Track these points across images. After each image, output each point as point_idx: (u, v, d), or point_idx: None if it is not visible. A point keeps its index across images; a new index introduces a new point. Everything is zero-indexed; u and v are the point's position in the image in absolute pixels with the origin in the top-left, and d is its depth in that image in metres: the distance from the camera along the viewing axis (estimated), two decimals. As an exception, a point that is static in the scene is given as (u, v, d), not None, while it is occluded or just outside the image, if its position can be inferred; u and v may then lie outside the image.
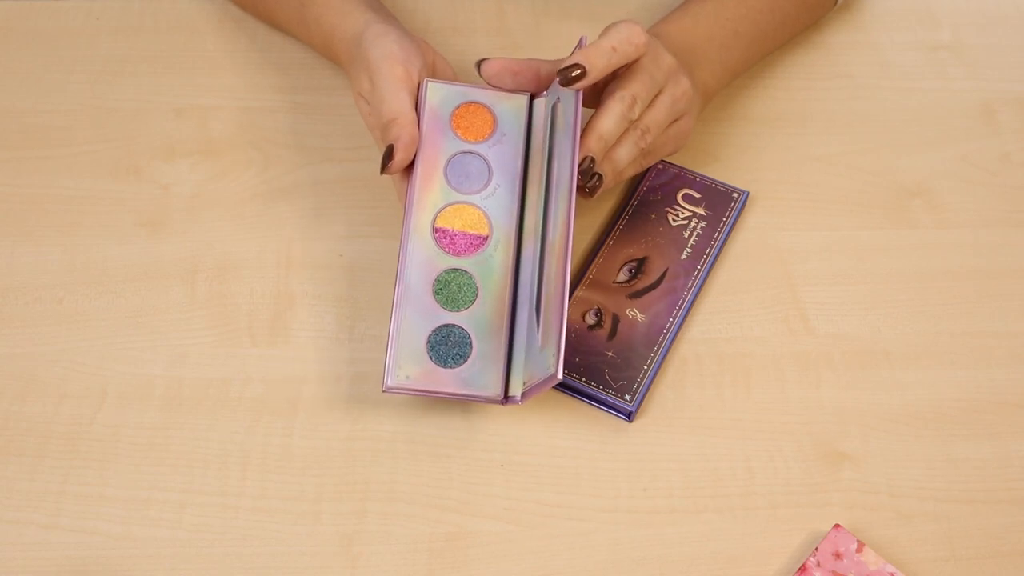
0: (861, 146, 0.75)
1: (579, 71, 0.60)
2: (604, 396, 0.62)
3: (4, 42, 0.79)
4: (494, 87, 0.65)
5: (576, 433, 0.62)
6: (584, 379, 0.62)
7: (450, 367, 0.60)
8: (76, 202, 0.71)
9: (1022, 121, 0.77)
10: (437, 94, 0.65)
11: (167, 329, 0.65)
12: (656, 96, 0.64)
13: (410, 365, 0.59)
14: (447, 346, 0.60)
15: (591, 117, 0.63)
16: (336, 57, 0.71)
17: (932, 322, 0.67)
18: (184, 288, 0.67)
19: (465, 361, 0.60)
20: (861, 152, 0.75)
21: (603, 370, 0.62)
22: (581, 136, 0.61)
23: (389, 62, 0.63)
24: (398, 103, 0.62)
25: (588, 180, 0.62)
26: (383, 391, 0.59)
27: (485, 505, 0.59)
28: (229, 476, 0.60)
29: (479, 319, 0.61)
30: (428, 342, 0.60)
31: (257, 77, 0.77)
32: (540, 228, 0.62)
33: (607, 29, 0.63)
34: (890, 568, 0.55)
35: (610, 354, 0.63)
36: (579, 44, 0.63)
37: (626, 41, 0.61)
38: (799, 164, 0.74)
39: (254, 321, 0.65)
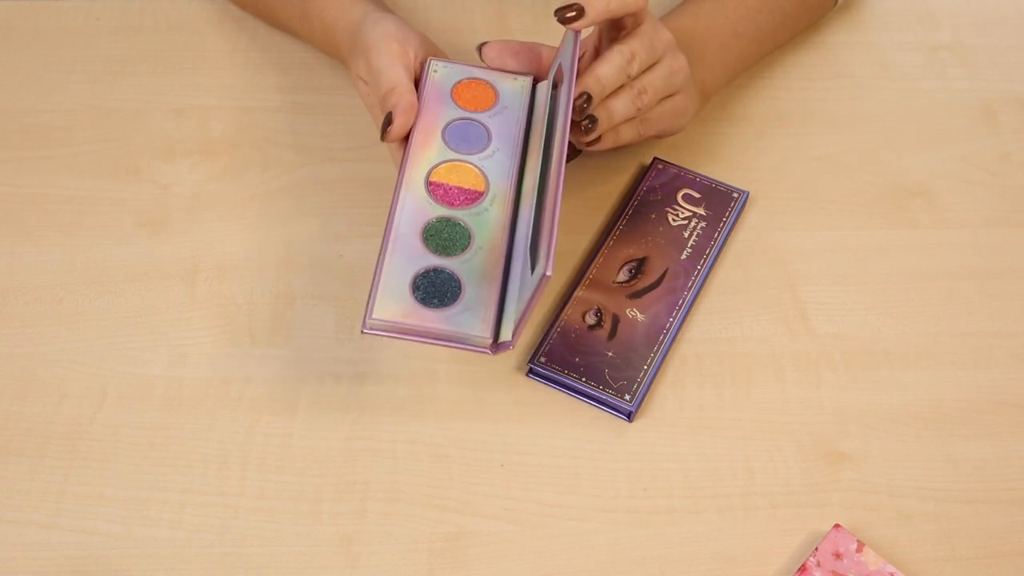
0: (861, 146, 0.75)
1: (576, 10, 0.60)
2: (604, 396, 0.62)
3: (4, 42, 0.79)
4: (496, 69, 0.65)
5: (576, 433, 0.62)
6: (584, 379, 0.62)
7: (435, 307, 0.56)
8: (76, 202, 0.71)
9: (1022, 121, 0.77)
10: (440, 71, 0.64)
11: (167, 329, 0.65)
12: (654, 64, 0.64)
13: (394, 305, 0.56)
14: (434, 286, 0.57)
15: (590, 64, 0.62)
16: (337, 50, 0.71)
17: (932, 322, 0.67)
18: (184, 288, 0.67)
19: (453, 304, 0.57)
20: (861, 152, 0.75)
21: (603, 370, 0.62)
22: (578, 76, 0.60)
23: (386, 40, 0.64)
24: (395, 74, 0.63)
25: (582, 117, 0.61)
26: (362, 332, 0.57)
27: (485, 505, 0.59)
28: (229, 476, 0.60)
29: (471, 266, 0.58)
30: (414, 282, 0.57)
31: (257, 77, 0.77)
32: (537, 191, 0.60)
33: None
34: (890, 568, 0.55)
35: (610, 354, 0.63)
36: None
37: None
38: (799, 164, 0.74)
39: (254, 321, 0.65)
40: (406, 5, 0.82)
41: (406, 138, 0.63)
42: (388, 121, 0.61)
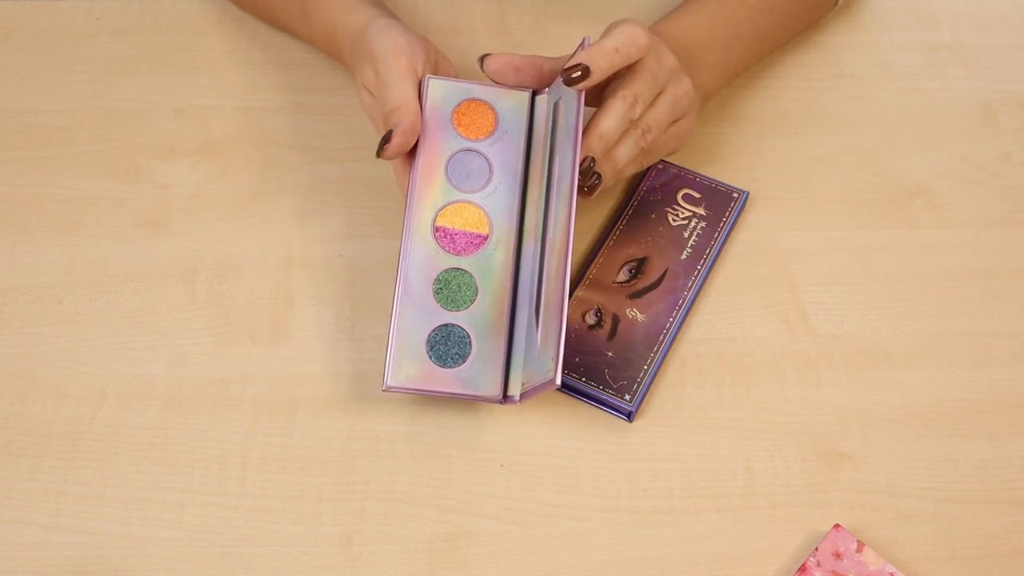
0: (861, 146, 0.75)
1: (582, 71, 0.60)
2: (604, 396, 0.62)
3: (4, 42, 0.79)
4: (497, 83, 0.65)
5: (576, 433, 0.62)
6: (584, 379, 0.62)
7: (449, 367, 0.60)
8: (76, 202, 0.71)
9: (1022, 121, 0.77)
10: (439, 91, 0.65)
11: (167, 329, 0.65)
12: (658, 95, 0.64)
13: (410, 365, 0.60)
14: (447, 346, 0.60)
15: (592, 116, 0.63)
16: (339, 53, 0.71)
17: (932, 322, 0.67)
18: (184, 288, 0.67)
19: (464, 361, 0.60)
20: (861, 152, 0.75)
21: (603, 370, 0.62)
22: (583, 135, 0.61)
23: (395, 54, 0.63)
24: (402, 92, 0.62)
25: (588, 180, 0.62)
26: (383, 391, 0.59)
27: (485, 505, 0.59)
28: (229, 476, 0.60)
29: (479, 318, 0.61)
30: (428, 342, 0.60)
31: (257, 77, 0.77)
32: (540, 227, 0.62)
33: (609, 29, 0.63)
34: (890, 568, 0.55)
35: (610, 354, 0.63)
36: (581, 45, 0.63)
37: (629, 42, 0.61)
38: (799, 164, 0.74)
39: (254, 321, 0.65)
40: (406, 5, 0.82)
41: (410, 155, 0.63)
42: (387, 139, 0.61)
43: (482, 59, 0.65)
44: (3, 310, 0.66)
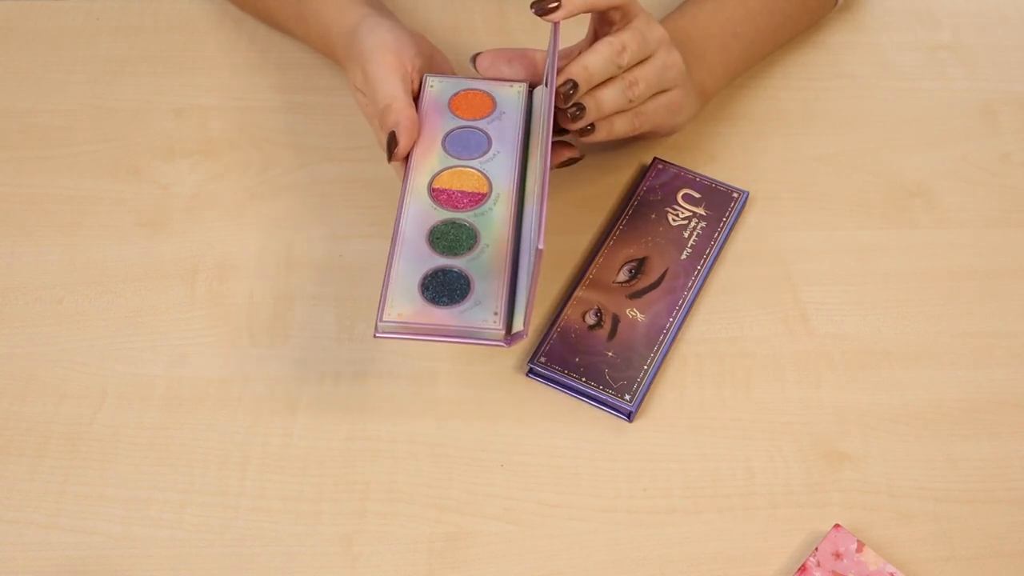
0: (861, 146, 0.75)
1: (555, 1, 0.60)
2: (604, 396, 0.62)
3: (4, 42, 0.79)
4: (491, 79, 0.65)
5: (576, 433, 0.62)
6: (584, 379, 0.62)
7: (445, 305, 0.56)
8: (76, 202, 0.71)
9: (1022, 121, 0.77)
10: (436, 86, 0.64)
11: (167, 329, 0.65)
12: (647, 58, 0.64)
13: (403, 305, 0.56)
14: (443, 285, 0.57)
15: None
16: (333, 53, 0.71)
17: (932, 322, 0.67)
18: (184, 288, 0.67)
19: (463, 300, 0.57)
20: (861, 152, 0.75)
21: (603, 370, 0.62)
22: (565, 65, 0.60)
23: (381, 51, 0.63)
24: (391, 88, 0.62)
25: (567, 104, 0.61)
26: (375, 335, 0.56)
27: (485, 505, 0.59)
28: (229, 476, 0.60)
29: (479, 263, 0.59)
30: (422, 282, 0.57)
31: (257, 77, 0.77)
32: (527, 172, 0.61)
33: None
34: (890, 568, 0.55)
35: (610, 354, 0.63)
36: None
37: None
38: (799, 164, 0.74)
39: (254, 321, 0.65)
40: (405, 6, 0.82)
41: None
42: (394, 142, 0.61)
43: (474, 58, 0.65)
44: (3, 310, 0.66)
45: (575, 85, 0.60)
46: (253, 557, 0.57)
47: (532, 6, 0.60)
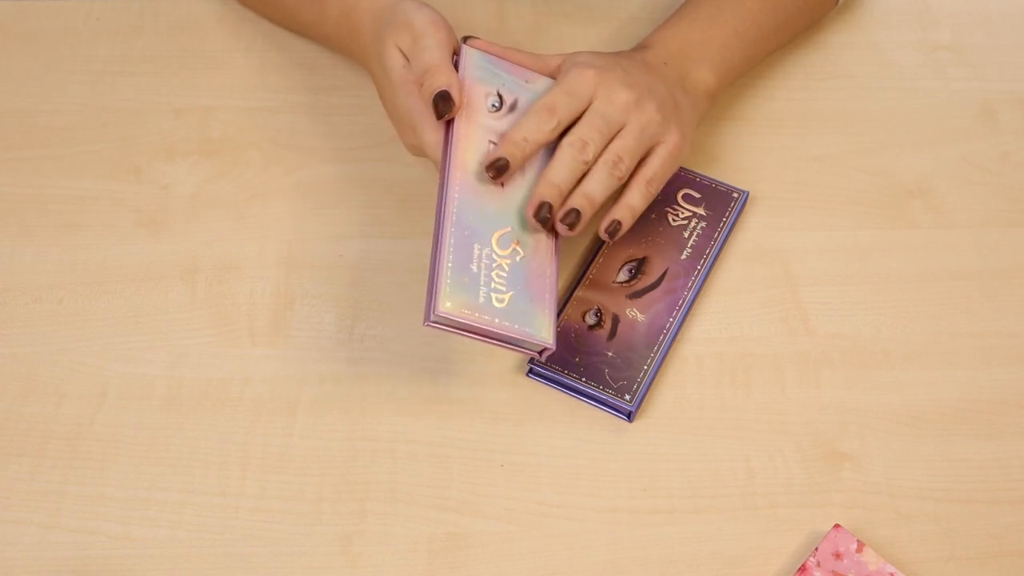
0: (861, 146, 0.75)
1: (497, 169, 0.61)
2: (604, 396, 0.62)
3: (4, 42, 0.79)
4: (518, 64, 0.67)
5: (576, 433, 0.62)
6: (584, 379, 0.62)
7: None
8: (76, 202, 0.71)
9: (1022, 121, 0.77)
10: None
11: (167, 329, 0.65)
12: (621, 129, 0.63)
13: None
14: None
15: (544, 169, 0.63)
16: (356, 29, 0.70)
17: (932, 322, 0.67)
18: (184, 288, 0.67)
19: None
20: (861, 152, 0.75)
21: (603, 370, 0.62)
22: (536, 185, 0.61)
23: (435, 26, 0.64)
24: (442, 56, 0.62)
25: (559, 221, 0.61)
26: (424, 324, 0.56)
27: (485, 505, 0.59)
28: (229, 476, 0.60)
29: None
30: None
31: (257, 77, 0.77)
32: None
33: (561, 75, 0.64)
34: (890, 568, 0.55)
35: (610, 354, 0.63)
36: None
37: (574, 86, 0.62)
38: (799, 164, 0.74)
39: (254, 321, 0.65)
40: (406, 5, 0.82)
41: (448, 125, 0.63)
42: (448, 100, 0.61)
43: (463, 41, 0.65)
44: (3, 310, 0.66)
45: (550, 207, 0.61)
46: (253, 557, 0.57)
47: (487, 169, 0.61)
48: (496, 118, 0.63)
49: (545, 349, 0.58)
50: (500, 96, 0.64)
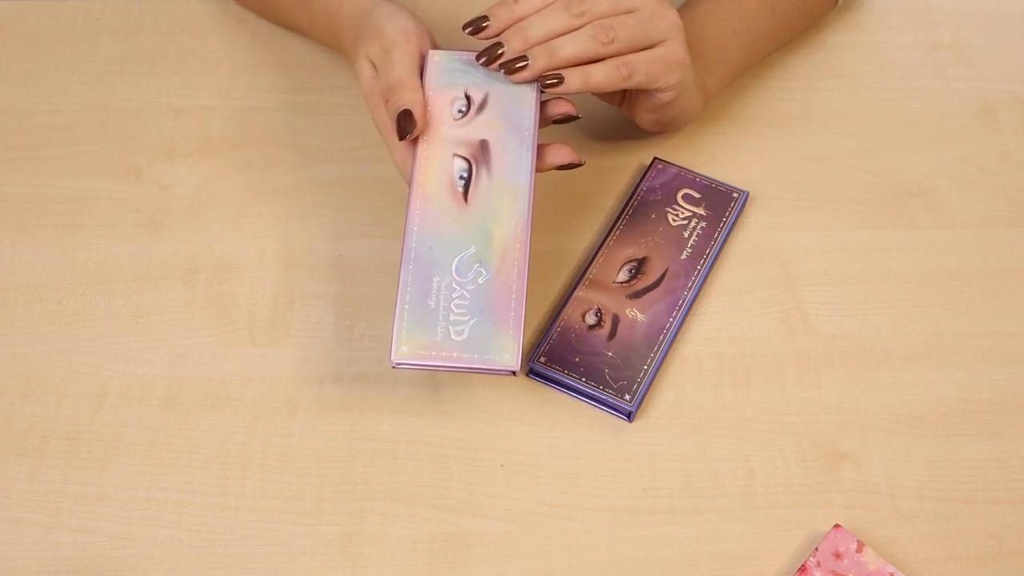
0: (861, 146, 0.75)
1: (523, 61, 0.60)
2: (604, 396, 0.62)
3: (4, 42, 0.79)
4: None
5: (576, 433, 0.62)
6: (584, 379, 0.62)
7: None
8: (76, 202, 0.71)
9: (1022, 121, 0.77)
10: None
11: (167, 329, 0.65)
12: (631, 11, 0.61)
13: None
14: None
15: None
16: (339, 35, 0.70)
17: (932, 322, 0.67)
18: (184, 288, 0.67)
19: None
20: (861, 152, 0.75)
21: (603, 370, 0.62)
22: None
23: (405, 35, 0.63)
24: (408, 70, 0.61)
25: (486, 62, 0.60)
26: (392, 365, 0.57)
27: (485, 505, 0.59)
28: (229, 476, 0.60)
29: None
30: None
31: (257, 77, 0.77)
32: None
33: None
34: (890, 568, 0.55)
35: (610, 354, 0.63)
36: None
37: None
38: (799, 164, 0.74)
39: (254, 321, 0.65)
40: (406, 2, 0.82)
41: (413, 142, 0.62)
42: (409, 119, 0.60)
43: (466, 27, 0.64)
44: (3, 310, 0.66)
45: (499, 48, 0.59)
46: (253, 557, 0.57)
47: (502, 66, 0.60)
48: (461, 125, 0.62)
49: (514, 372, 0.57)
50: (468, 97, 0.62)
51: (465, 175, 0.60)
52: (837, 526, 0.57)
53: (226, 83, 0.77)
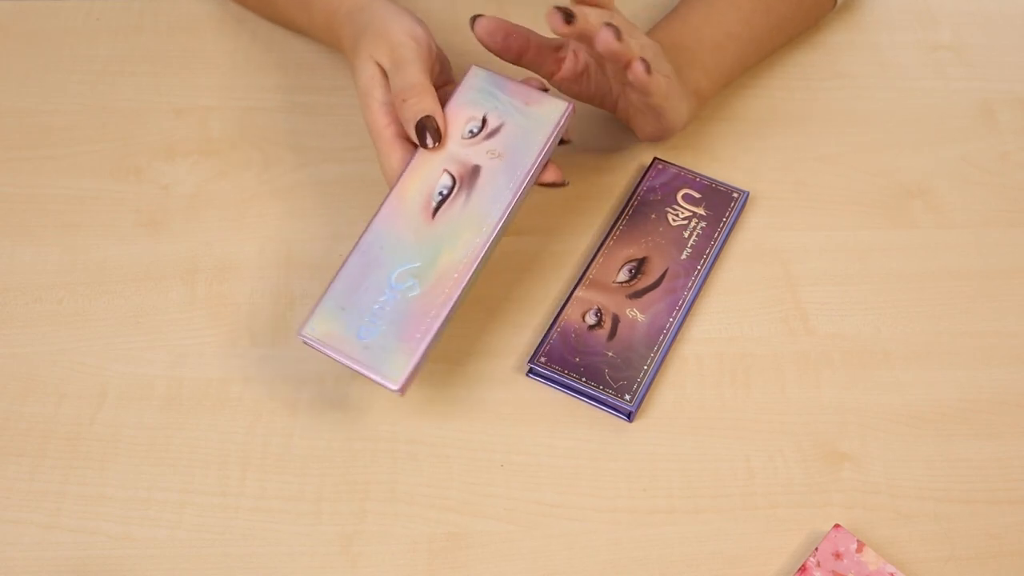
0: (861, 146, 0.75)
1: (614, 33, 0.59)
2: (604, 396, 0.62)
3: (4, 42, 0.79)
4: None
5: (576, 433, 0.62)
6: (584, 379, 0.62)
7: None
8: (76, 202, 0.71)
9: (1022, 121, 0.77)
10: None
11: (167, 329, 0.65)
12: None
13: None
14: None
15: None
16: (337, 33, 0.70)
17: (932, 322, 0.67)
18: (184, 288, 0.67)
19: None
20: (861, 152, 0.75)
21: (603, 370, 0.62)
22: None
23: (415, 39, 0.63)
24: (422, 75, 0.62)
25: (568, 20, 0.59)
26: (299, 336, 0.58)
27: (485, 505, 0.59)
28: (229, 476, 0.60)
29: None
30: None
31: (257, 77, 0.77)
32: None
33: None
34: (890, 568, 0.55)
35: (610, 354, 0.63)
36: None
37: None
38: (799, 164, 0.74)
39: (254, 321, 0.65)
40: (406, 3, 0.82)
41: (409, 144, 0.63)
42: (431, 127, 0.60)
43: (473, 20, 0.64)
44: (3, 310, 0.66)
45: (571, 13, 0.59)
46: (253, 557, 0.57)
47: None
48: (466, 144, 0.62)
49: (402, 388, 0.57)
50: (484, 120, 0.63)
51: (445, 192, 0.61)
52: (837, 526, 0.57)
53: (226, 83, 0.77)
